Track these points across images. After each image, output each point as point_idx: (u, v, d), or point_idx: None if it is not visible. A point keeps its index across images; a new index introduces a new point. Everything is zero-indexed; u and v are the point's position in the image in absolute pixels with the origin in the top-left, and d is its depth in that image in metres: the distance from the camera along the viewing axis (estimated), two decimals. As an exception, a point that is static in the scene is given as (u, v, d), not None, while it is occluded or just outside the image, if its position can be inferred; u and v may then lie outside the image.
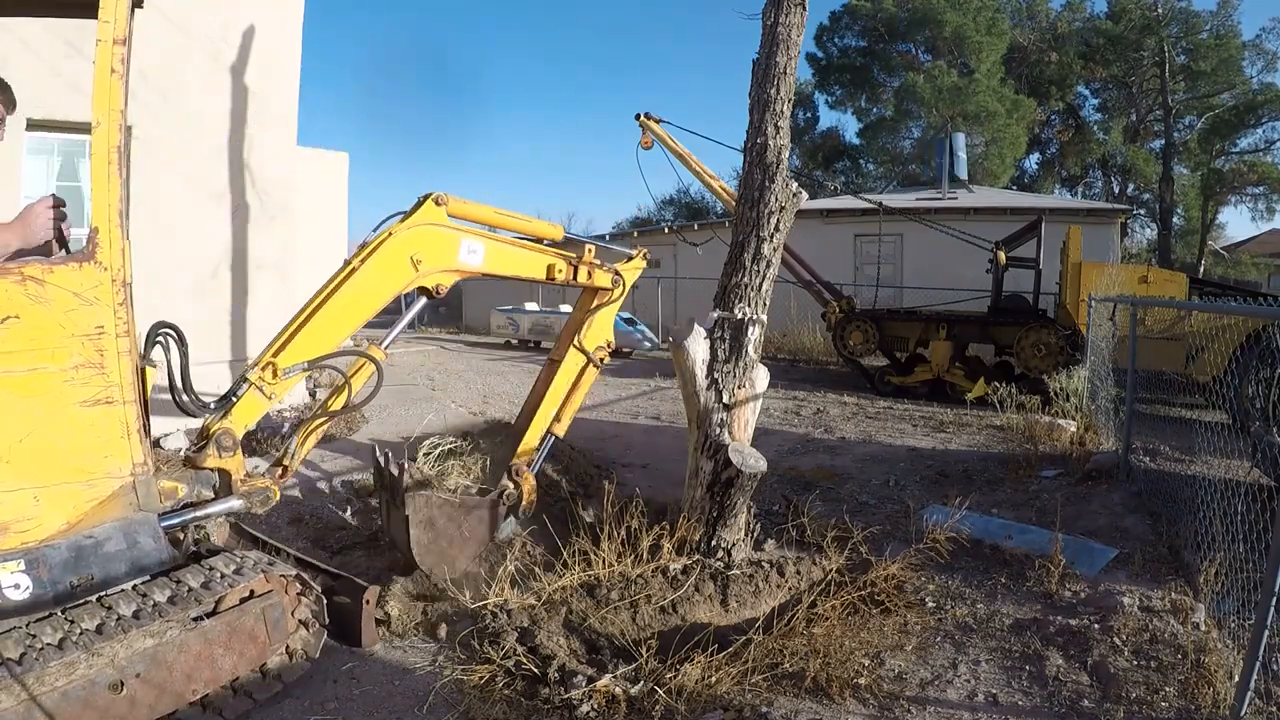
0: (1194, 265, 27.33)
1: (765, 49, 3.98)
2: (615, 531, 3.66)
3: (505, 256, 3.63)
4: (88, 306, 2.27)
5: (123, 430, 2.35)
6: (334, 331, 3.05)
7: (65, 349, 2.23)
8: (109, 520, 2.37)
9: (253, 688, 2.66)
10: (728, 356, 3.87)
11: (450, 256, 3.37)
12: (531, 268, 3.78)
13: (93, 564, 2.35)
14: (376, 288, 3.14)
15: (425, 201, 3.27)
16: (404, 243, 3.19)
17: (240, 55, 6.53)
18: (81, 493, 2.32)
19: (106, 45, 2.31)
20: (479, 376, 10.98)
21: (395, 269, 3.18)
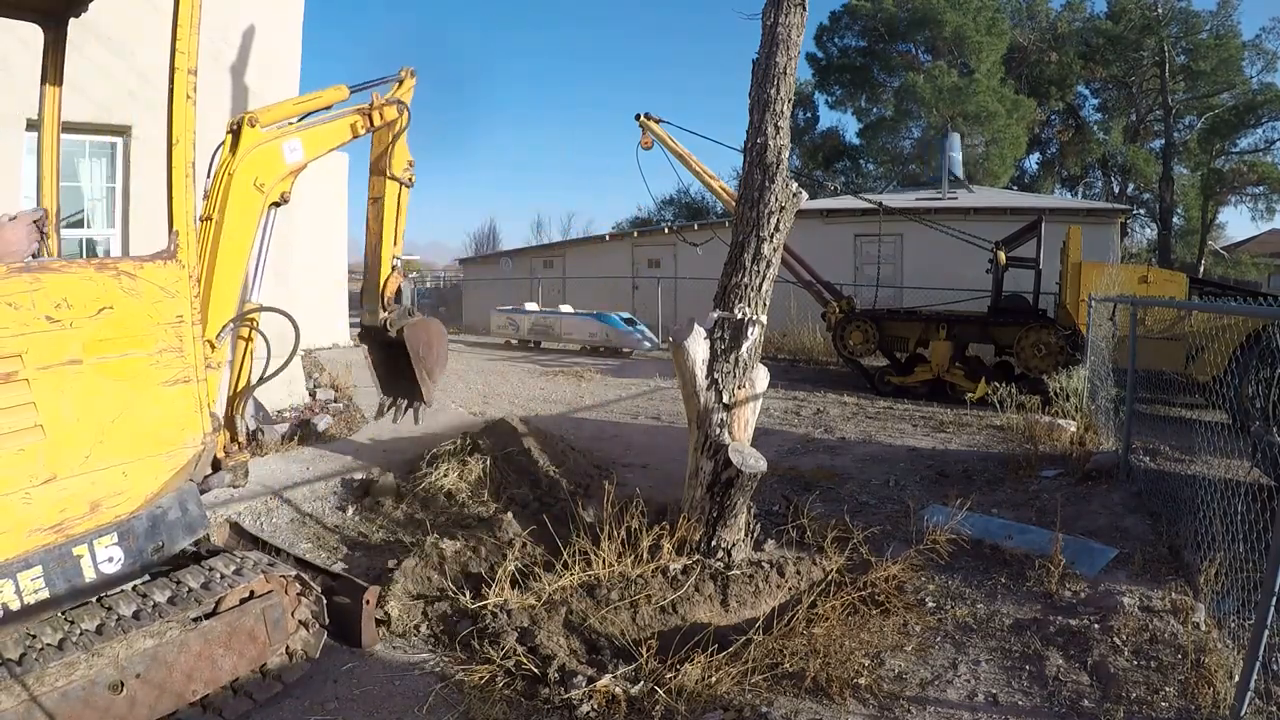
0: (1194, 265, 27.32)
1: (765, 49, 3.98)
2: (615, 531, 3.66)
3: (317, 138, 3.89)
4: (170, 299, 2.55)
5: (196, 405, 2.63)
6: (232, 285, 3.30)
7: (152, 336, 2.49)
8: (172, 491, 2.60)
9: (253, 688, 2.66)
10: (727, 356, 3.87)
11: (280, 163, 3.59)
12: (339, 134, 4.12)
13: (162, 532, 2.57)
14: (243, 228, 3.36)
15: (241, 128, 3.45)
16: (244, 174, 3.39)
17: (240, 55, 6.53)
18: (163, 464, 2.54)
19: (182, 74, 2.62)
20: (479, 376, 10.98)
21: (247, 203, 3.39)
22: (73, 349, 2.27)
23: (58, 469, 2.24)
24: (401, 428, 6.92)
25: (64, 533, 2.28)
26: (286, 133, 3.68)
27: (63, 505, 2.27)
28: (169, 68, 2.58)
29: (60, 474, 2.25)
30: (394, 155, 4.55)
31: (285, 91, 7.11)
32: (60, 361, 2.24)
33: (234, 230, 3.31)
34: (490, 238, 47.57)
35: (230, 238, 3.29)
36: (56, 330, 2.23)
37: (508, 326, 16.76)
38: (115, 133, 5.85)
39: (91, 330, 2.31)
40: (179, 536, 2.62)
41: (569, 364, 12.64)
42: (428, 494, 4.88)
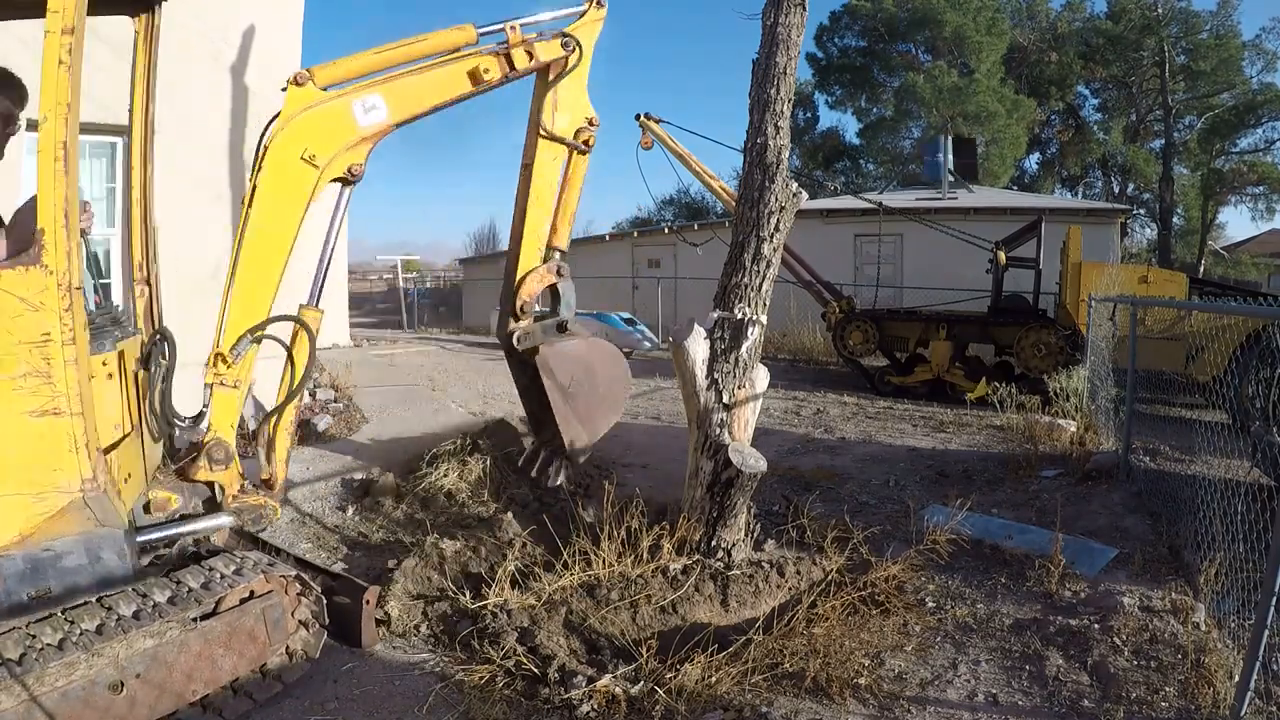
0: (1194, 265, 27.32)
1: (765, 49, 3.97)
2: (615, 531, 3.66)
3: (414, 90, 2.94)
4: (33, 312, 2.14)
5: (70, 444, 2.21)
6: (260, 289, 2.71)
7: (12, 357, 2.13)
8: (69, 534, 2.26)
9: (253, 688, 2.66)
10: (727, 356, 3.87)
11: (346, 128, 2.81)
12: (452, 84, 3.04)
13: (50, 576, 2.25)
14: (281, 214, 2.68)
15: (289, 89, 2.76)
16: (287, 146, 2.68)
17: (240, 55, 6.53)
18: (31, 505, 2.21)
19: (54, 36, 2.13)
20: (479, 376, 10.97)
21: (291, 182, 2.70)
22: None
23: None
24: (401, 428, 6.92)
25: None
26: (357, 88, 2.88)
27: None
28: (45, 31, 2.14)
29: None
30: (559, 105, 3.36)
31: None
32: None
33: (269, 217, 2.68)
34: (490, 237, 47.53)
35: (262, 227, 2.68)
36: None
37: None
38: (115, 133, 5.85)
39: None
40: (82, 586, 2.29)
41: (569, 364, 12.63)
42: (428, 494, 4.88)
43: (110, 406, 2.57)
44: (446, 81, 3.01)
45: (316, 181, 2.78)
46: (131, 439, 2.67)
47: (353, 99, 2.84)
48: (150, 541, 2.61)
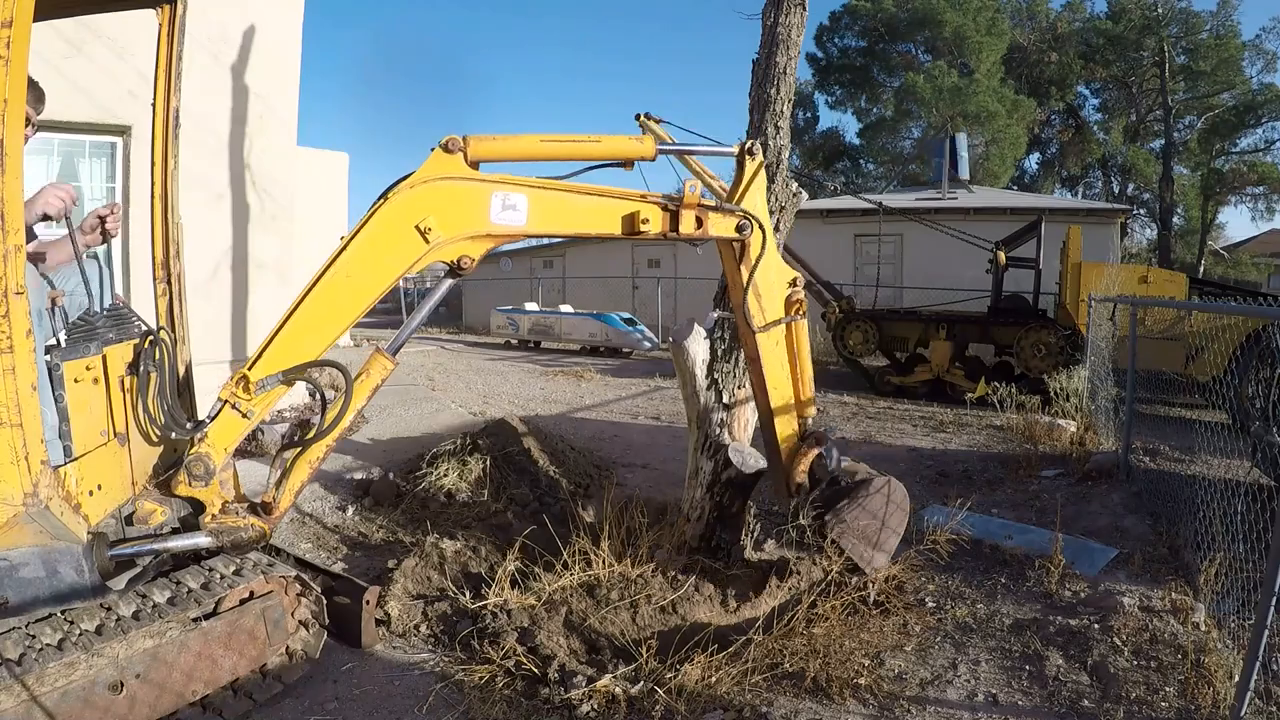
0: (1194, 265, 27.34)
1: (765, 49, 3.98)
2: (615, 531, 3.66)
3: (561, 209, 2.64)
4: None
5: (11, 455, 2.07)
6: (318, 332, 2.53)
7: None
8: (25, 544, 2.17)
9: (253, 688, 2.66)
10: (727, 356, 3.87)
11: (477, 217, 2.53)
12: (603, 220, 2.70)
13: (6, 586, 2.17)
14: (370, 273, 2.48)
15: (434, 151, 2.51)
16: (405, 208, 2.46)
17: (240, 55, 6.53)
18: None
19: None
20: (479, 376, 10.98)
21: (395, 245, 2.48)
22: None
23: None
24: (401, 427, 6.93)
25: None
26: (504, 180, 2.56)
27: None
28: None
29: None
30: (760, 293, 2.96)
31: (286, 92, 7.11)
32: None
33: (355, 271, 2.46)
34: (490, 238, 47.47)
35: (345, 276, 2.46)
36: None
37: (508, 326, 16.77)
38: (115, 133, 5.85)
39: None
40: (40, 599, 2.21)
41: (569, 364, 12.64)
42: (428, 494, 4.88)
43: (95, 412, 2.51)
44: (599, 215, 2.71)
45: (421, 257, 2.52)
46: (111, 448, 2.58)
47: (495, 189, 2.54)
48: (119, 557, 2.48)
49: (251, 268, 6.79)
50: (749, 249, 2.92)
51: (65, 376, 2.36)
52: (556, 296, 19.50)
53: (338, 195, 14.05)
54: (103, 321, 2.68)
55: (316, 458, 2.71)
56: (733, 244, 2.93)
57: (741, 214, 2.86)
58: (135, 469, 2.74)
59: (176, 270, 3.13)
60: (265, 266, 6.92)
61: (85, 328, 2.56)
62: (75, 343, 2.47)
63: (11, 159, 2.02)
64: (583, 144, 2.67)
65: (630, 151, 2.75)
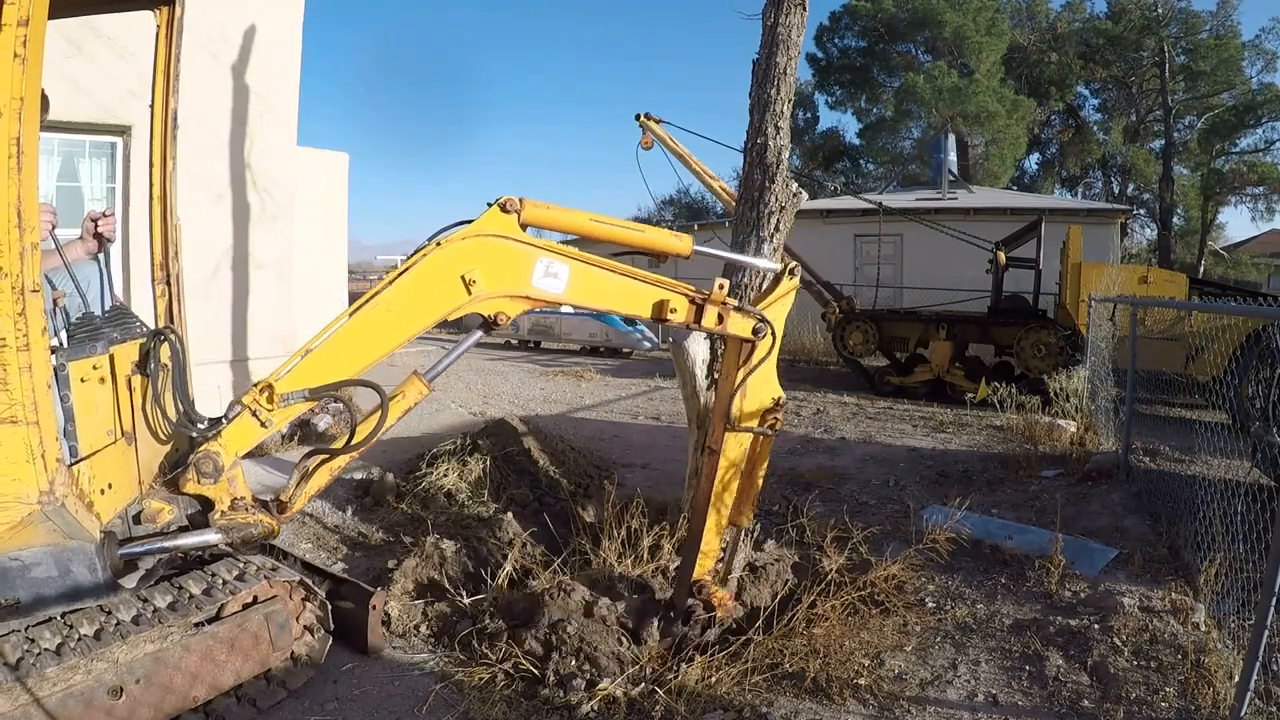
0: (1194, 265, 27.31)
1: (765, 49, 3.98)
2: (615, 531, 3.66)
3: (598, 285, 2.79)
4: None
5: (27, 453, 2.10)
6: (350, 358, 2.61)
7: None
8: (37, 544, 2.18)
9: (256, 694, 2.65)
10: (728, 357, 3.87)
11: (519, 279, 2.66)
12: (635, 303, 2.88)
13: (19, 586, 2.18)
14: (411, 311, 2.60)
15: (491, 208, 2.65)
16: (455, 257, 2.57)
17: (241, 55, 6.53)
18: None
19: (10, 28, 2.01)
20: (479, 376, 10.98)
21: (439, 290, 2.58)
22: None
23: None
24: (401, 427, 6.92)
25: None
26: (558, 250, 2.71)
27: None
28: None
29: None
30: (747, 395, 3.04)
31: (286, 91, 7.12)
32: None
33: (397, 308, 2.57)
34: (490, 238, 47.41)
35: (387, 311, 2.56)
36: None
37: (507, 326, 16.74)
38: (116, 133, 5.85)
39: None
40: (52, 598, 2.23)
41: (569, 364, 12.64)
42: (428, 494, 4.89)
43: (102, 411, 2.52)
44: (631, 298, 2.88)
45: (461, 305, 2.63)
46: (119, 447, 2.60)
47: (540, 256, 2.68)
48: (134, 554, 2.50)
49: (252, 268, 6.79)
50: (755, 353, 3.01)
51: (71, 377, 2.36)
52: (556, 296, 19.46)
53: (338, 195, 14.02)
54: (105, 322, 2.69)
55: (339, 466, 2.77)
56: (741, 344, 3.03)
57: (759, 318, 2.96)
58: (142, 468, 2.75)
59: (175, 271, 3.13)
60: (265, 266, 6.92)
61: (89, 328, 2.56)
62: (80, 343, 2.47)
63: (28, 157, 2.04)
64: (628, 232, 2.87)
65: (669, 247, 2.93)
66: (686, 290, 2.94)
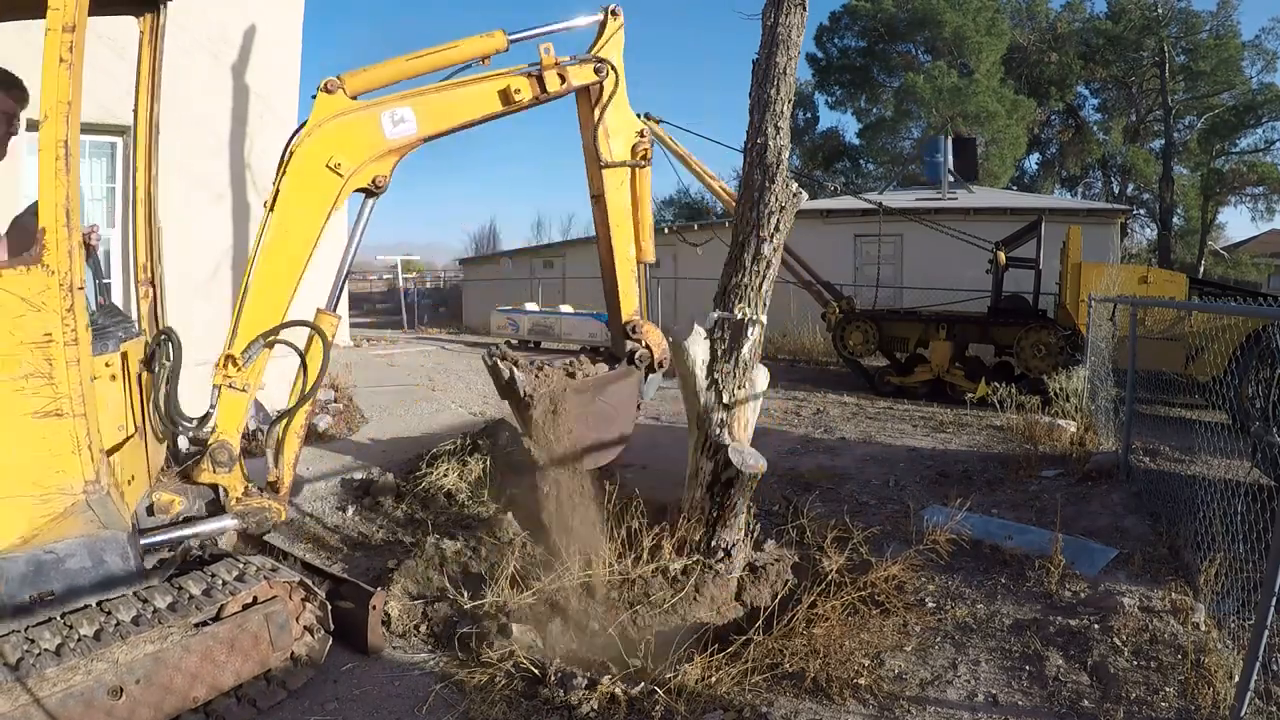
0: (1194, 265, 27.31)
1: (765, 49, 3.97)
2: (615, 531, 3.66)
3: (444, 106, 2.94)
4: (35, 313, 2.13)
5: (73, 445, 2.20)
6: (277, 292, 2.69)
7: (14, 357, 2.12)
8: (72, 536, 2.25)
9: (256, 694, 2.65)
10: (728, 356, 3.87)
11: (374, 139, 2.80)
12: (484, 103, 3.06)
13: (54, 579, 2.24)
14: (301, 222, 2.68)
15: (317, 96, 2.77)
16: (313, 153, 2.69)
17: (241, 55, 6.53)
18: (34, 507, 2.19)
19: (55, 33, 2.11)
20: (479, 376, 10.96)
21: (315, 187, 2.70)
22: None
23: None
24: (401, 427, 6.92)
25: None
26: (387, 100, 2.85)
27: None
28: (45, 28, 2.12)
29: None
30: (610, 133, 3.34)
31: (286, 91, 7.11)
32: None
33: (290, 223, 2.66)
34: (490, 238, 47.53)
35: (282, 232, 2.65)
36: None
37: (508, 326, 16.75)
38: (115, 133, 5.85)
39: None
40: (85, 588, 2.30)
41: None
42: (428, 494, 4.88)
43: (114, 407, 2.56)
44: (478, 99, 3.03)
45: (340, 190, 2.77)
46: (135, 441, 2.65)
47: (382, 110, 2.81)
48: (154, 544, 2.58)
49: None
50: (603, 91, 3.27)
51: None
52: (556, 296, 19.48)
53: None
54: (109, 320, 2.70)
55: (301, 425, 2.91)
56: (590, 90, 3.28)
57: (597, 60, 3.25)
58: (150, 461, 2.79)
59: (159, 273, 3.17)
60: (265, 266, 6.92)
61: (95, 327, 2.58)
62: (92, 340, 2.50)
63: (73, 159, 2.16)
64: (443, 52, 3.00)
65: (484, 48, 3.08)
66: (520, 69, 3.09)
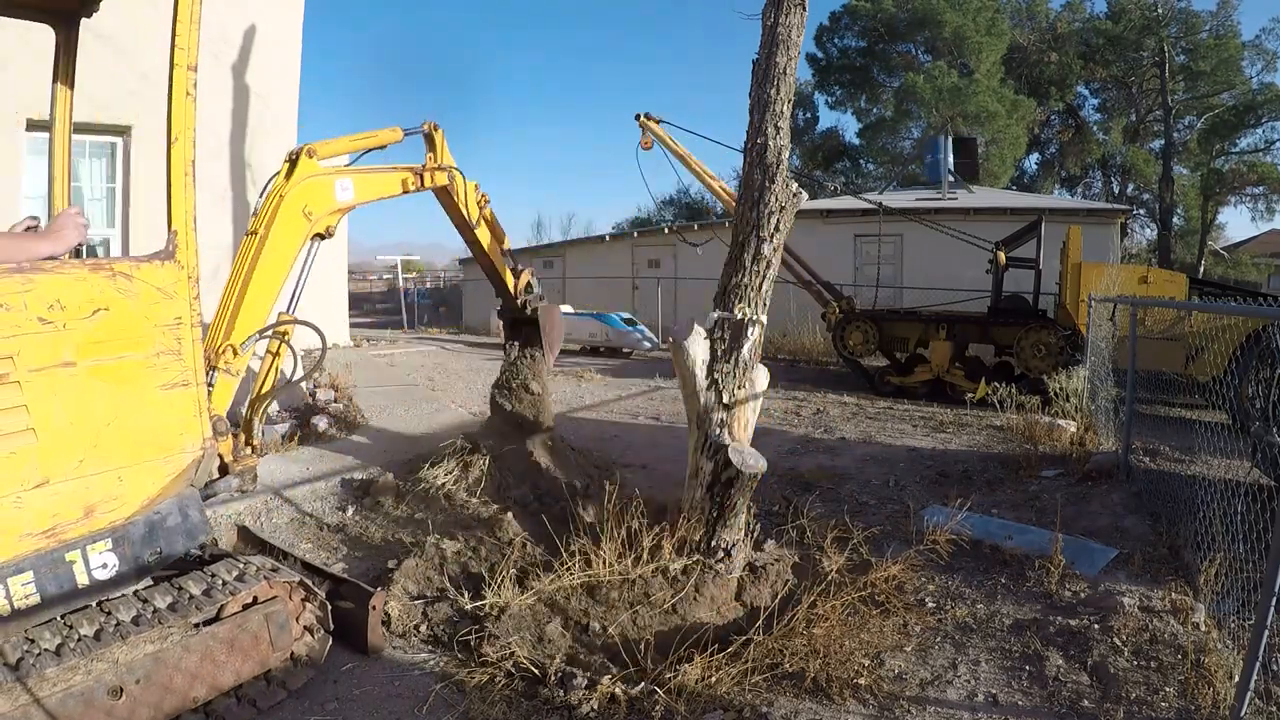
0: (1194, 265, 27.32)
1: (765, 49, 3.97)
2: (615, 531, 3.66)
3: (369, 184, 4.05)
4: (168, 300, 2.50)
5: (195, 409, 2.60)
6: (265, 299, 3.38)
7: (149, 338, 2.45)
8: (171, 496, 2.58)
9: (256, 694, 2.65)
10: (727, 356, 3.87)
11: (330, 199, 3.72)
12: (390, 186, 4.27)
13: (160, 538, 2.54)
14: (284, 248, 3.48)
15: (299, 157, 3.59)
16: (295, 200, 3.53)
17: (241, 56, 6.54)
18: (160, 469, 2.51)
19: (181, 70, 2.57)
20: (479, 376, 10.97)
21: (294, 226, 3.52)
22: (66, 351, 2.23)
23: (50, 473, 2.21)
24: (401, 427, 6.92)
25: (56, 537, 2.25)
26: (342, 171, 3.84)
27: (55, 510, 2.24)
28: (169, 64, 2.57)
29: (53, 478, 2.21)
30: (467, 208, 4.84)
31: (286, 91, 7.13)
32: (53, 364, 2.20)
33: (276, 248, 3.45)
34: (490, 238, 47.39)
35: (272, 254, 3.41)
36: (49, 332, 2.19)
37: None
38: (115, 132, 5.86)
39: (86, 332, 2.27)
40: (178, 542, 2.60)
41: (569, 364, 12.63)
42: (428, 494, 4.88)
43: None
44: (389, 183, 4.27)
45: (308, 230, 3.61)
46: None
47: (336, 179, 3.77)
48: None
49: (251, 268, 6.79)
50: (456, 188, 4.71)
51: None
52: (556, 296, 19.47)
53: (338, 195, 14.02)
54: None
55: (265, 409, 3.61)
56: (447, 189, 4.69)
57: (447, 169, 4.63)
58: None
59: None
60: (265, 266, 6.92)
61: None
62: None
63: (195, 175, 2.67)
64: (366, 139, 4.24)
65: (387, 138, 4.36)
66: (413, 168, 4.41)
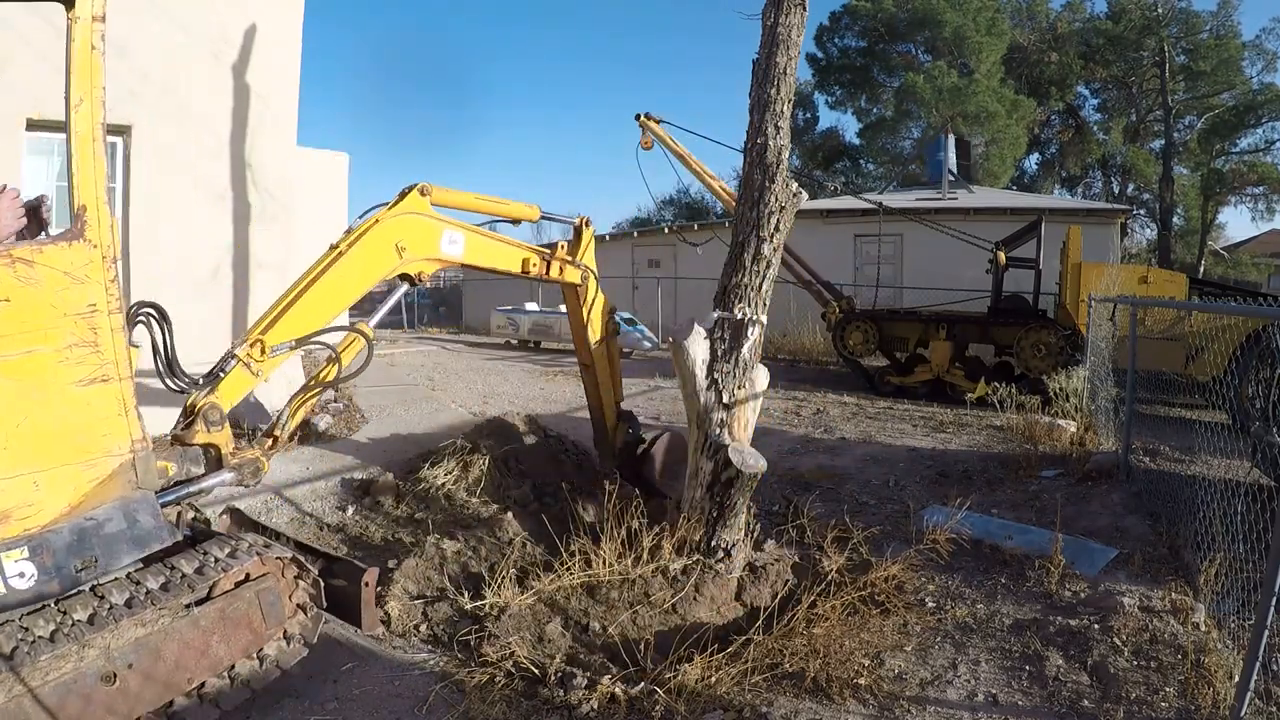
0: (1194, 265, 27.29)
1: (765, 49, 3.97)
2: (615, 531, 3.66)
3: (483, 249, 3.78)
4: (79, 285, 2.22)
5: (120, 408, 2.33)
6: (320, 312, 3.12)
7: (58, 329, 2.19)
8: (109, 500, 2.33)
9: (250, 676, 2.63)
10: (727, 356, 3.87)
11: (433, 246, 3.50)
12: (507, 261, 3.96)
13: (95, 546, 2.29)
14: (362, 272, 3.26)
15: (411, 191, 3.39)
16: (390, 230, 3.31)
17: (241, 55, 6.52)
18: (81, 474, 2.27)
19: (85, 22, 2.18)
20: (479, 376, 10.97)
21: (381, 255, 3.30)
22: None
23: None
24: (401, 427, 6.92)
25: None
26: (458, 224, 3.61)
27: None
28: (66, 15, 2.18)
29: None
30: (591, 320, 4.48)
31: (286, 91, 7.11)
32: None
33: (351, 269, 3.19)
34: (490, 238, 47.42)
35: (343, 273, 3.16)
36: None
37: (508, 326, 16.75)
38: (115, 132, 5.85)
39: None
40: (122, 552, 2.35)
41: (569, 364, 12.62)
42: (428, 494, 4.88)
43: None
44: (505, 257, 3.94)
45: (395, 267, 3.37)
46: None
47: (447, 228, 3.55)
48: (166, 503, 2.64)
49: (252, 267, 6.78)
50: (586, 292, 4.41)
51: None
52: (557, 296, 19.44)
53: (338, 195, 14.03)
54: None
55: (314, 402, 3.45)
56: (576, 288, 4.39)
57: (584, 269, 4.37)
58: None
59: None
60: (265, 266, 6.91)
61: None
62: None
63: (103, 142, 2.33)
64: (496, 204, 4.01)
65: (522, 213, 4.14)
66: (541, 251, 4.12)
